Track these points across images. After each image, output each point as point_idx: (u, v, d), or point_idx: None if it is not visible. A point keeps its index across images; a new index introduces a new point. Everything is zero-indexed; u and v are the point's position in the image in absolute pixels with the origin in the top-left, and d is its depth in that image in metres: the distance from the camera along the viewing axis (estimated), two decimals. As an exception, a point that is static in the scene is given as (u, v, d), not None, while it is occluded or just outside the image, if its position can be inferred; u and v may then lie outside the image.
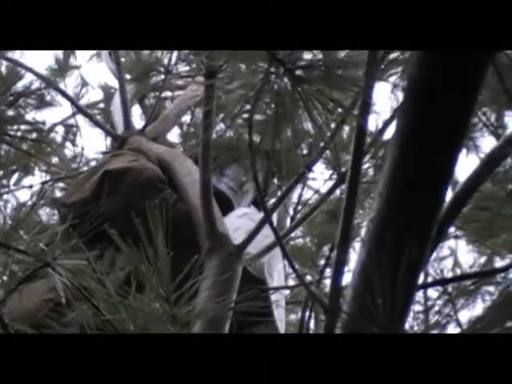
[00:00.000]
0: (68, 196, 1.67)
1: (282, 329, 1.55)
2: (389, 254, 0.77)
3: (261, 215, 1.48)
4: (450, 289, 1.15)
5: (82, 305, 0.96)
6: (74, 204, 1.58)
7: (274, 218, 1.95)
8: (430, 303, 1.07)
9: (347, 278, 0.93)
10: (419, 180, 0.81)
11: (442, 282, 1.12)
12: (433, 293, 1.12)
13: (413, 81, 0.79)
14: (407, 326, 0.87)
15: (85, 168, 2.21)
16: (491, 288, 1.46)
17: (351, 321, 0.83)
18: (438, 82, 0.78)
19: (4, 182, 2.03)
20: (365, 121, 0.97)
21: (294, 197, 2.10)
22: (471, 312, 1.21)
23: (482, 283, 1.43)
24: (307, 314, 1.34)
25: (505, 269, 1.27)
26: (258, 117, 1.10)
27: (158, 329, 0.91)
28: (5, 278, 1.03)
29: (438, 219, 0.83)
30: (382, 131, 1.50)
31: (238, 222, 1.60)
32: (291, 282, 1.87)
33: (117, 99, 2.08)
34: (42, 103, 1.82)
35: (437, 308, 1.02)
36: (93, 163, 2.24)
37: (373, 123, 1.51)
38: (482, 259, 1.59)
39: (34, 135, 1.84)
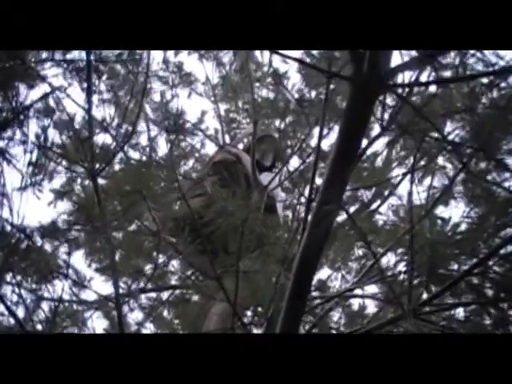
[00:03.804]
0: (204, 166, 4.47)
1: (279, 210, 4.29)
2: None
3: (273, 175, 4.21)
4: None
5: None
6: (207, 172, 4.36)
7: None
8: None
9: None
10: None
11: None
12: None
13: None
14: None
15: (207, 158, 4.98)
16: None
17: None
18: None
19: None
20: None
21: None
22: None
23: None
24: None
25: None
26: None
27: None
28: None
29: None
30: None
31: (265, 177, 4.32)
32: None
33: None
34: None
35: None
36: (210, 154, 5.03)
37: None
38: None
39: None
